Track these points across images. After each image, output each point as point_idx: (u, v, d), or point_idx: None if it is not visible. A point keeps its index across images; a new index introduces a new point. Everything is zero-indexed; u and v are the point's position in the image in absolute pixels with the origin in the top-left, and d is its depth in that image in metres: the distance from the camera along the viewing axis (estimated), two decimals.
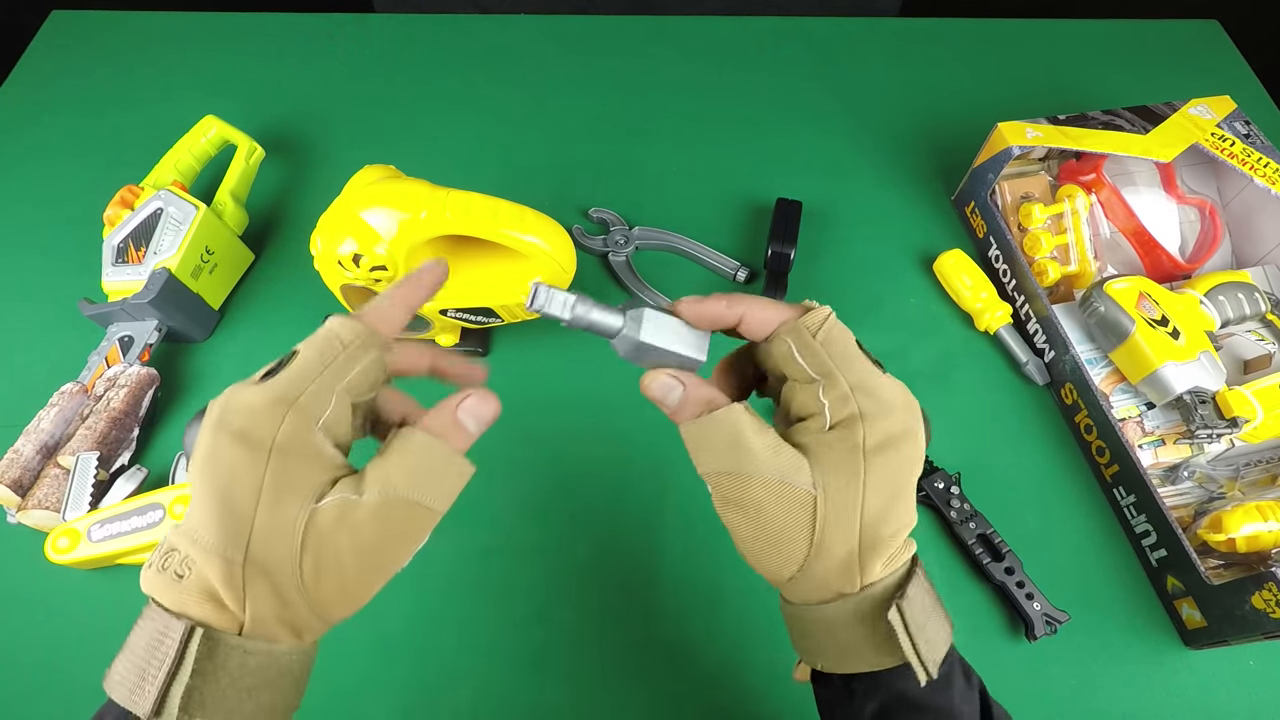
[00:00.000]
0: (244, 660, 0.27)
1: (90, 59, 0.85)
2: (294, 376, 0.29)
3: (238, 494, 0.27)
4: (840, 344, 0.31)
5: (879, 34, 0.90)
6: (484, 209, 0.55)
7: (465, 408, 0.30)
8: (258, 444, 0.27)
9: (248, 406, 0.28)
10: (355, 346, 0.30)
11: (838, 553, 0.29)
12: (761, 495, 0.29)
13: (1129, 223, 0.67)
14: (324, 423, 0.28)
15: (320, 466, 0.28)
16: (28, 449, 0.54)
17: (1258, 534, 0.51)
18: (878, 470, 0.29)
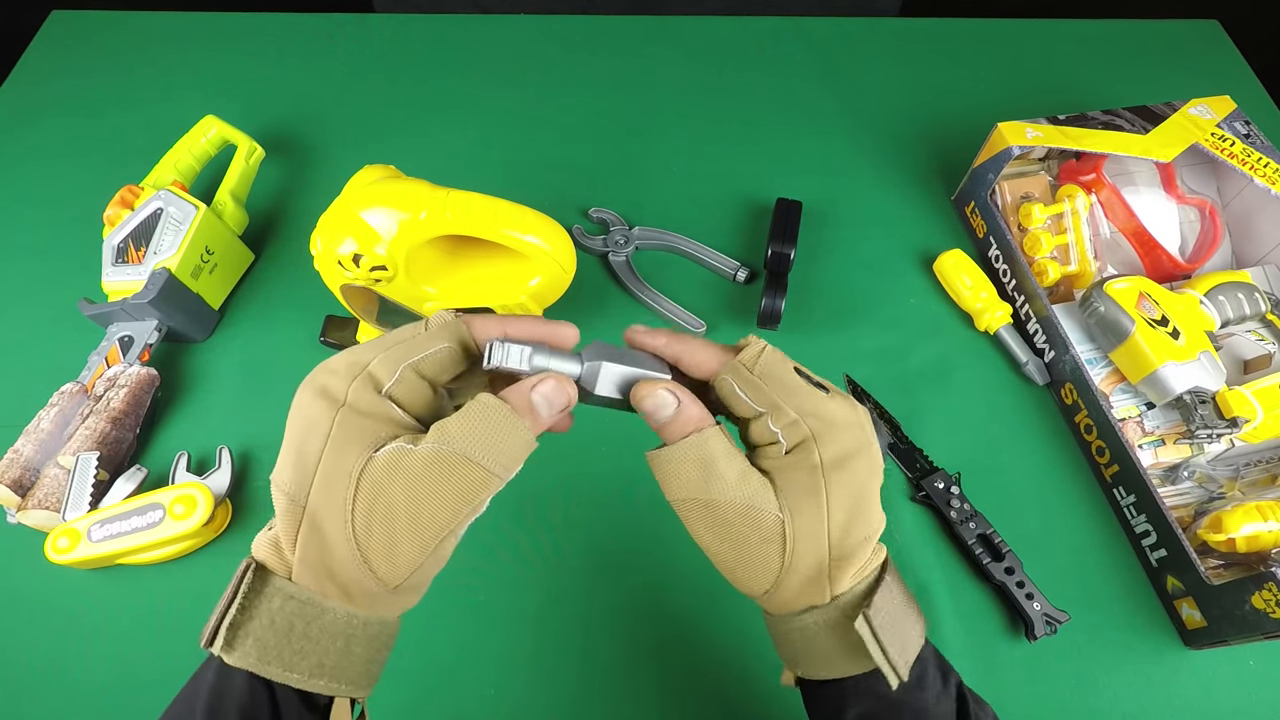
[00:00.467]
0: (286, 604, 0.28)
1: (90, 59, 0.85)
2: (372, 345, 0.31)
3: (309, 441, 0.29)
4: (777, 375, 0.32)
5: (879, 34, 0.90)
6: (484, 209, 0.55)
7: (540, 390, 0.31)
8: (332, 398, 0.29)
9: (330, 367, 0.30)
10: (435, 332, 0.31)
11: (808, 567, 0.31)
12: (731, 518, 0.31)
13: (1129, 223, 0.67)
14: (389, 391, 0.29)
15: (385, 422, 0.29)
16: (28, 449, 0.54)
17: (1258, 534, 0.51)
18: (838, 485, 0.30)
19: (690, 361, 0.33)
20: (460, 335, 0.32)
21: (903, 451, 0.60)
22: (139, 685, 0.50)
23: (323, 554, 0.28)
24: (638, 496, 0.58)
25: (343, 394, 0.29)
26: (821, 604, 0.31)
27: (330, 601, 0.29)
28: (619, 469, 0.59)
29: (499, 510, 0.57)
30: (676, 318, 0.65)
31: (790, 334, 0.65)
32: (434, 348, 0.31)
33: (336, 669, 0.29)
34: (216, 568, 0.54)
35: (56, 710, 0.50)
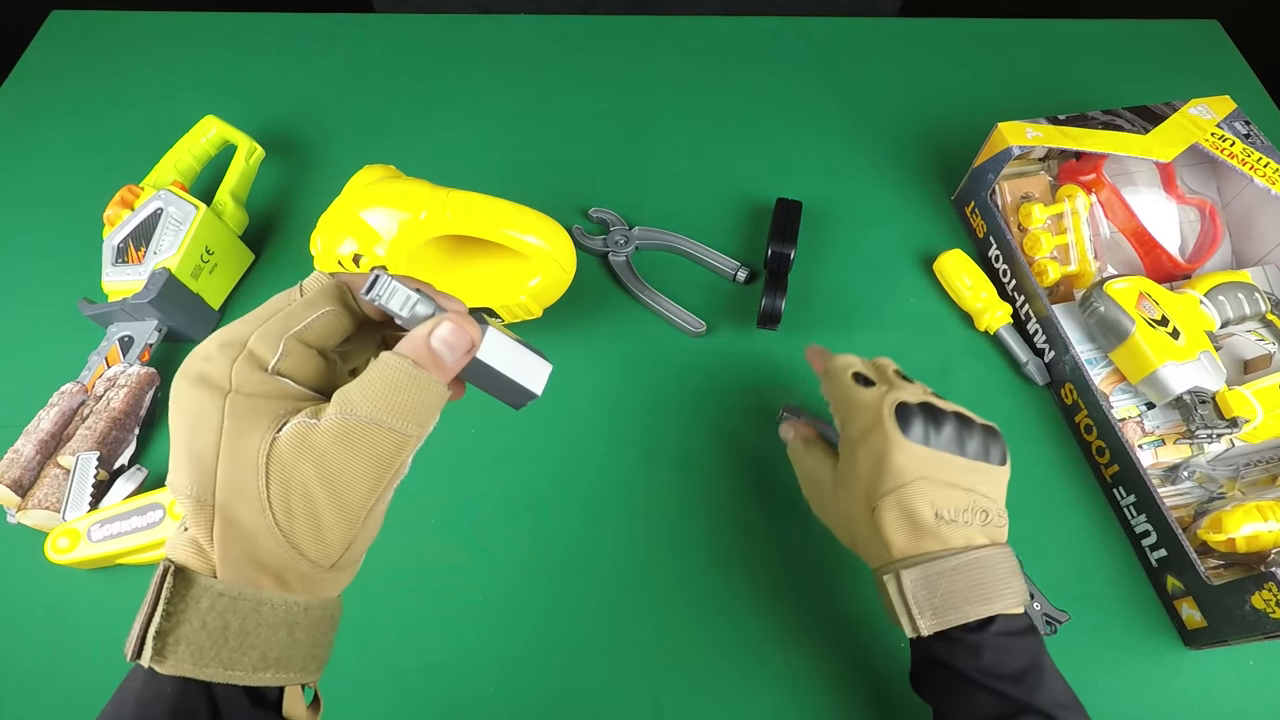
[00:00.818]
0: (215, 603, 0.27)
1: (90, 59, 0.85)
2: (245, 321, 0.29)
3: (200, 435, 0.27)
4: (835, 375, 0.48)
5: (879, 34, 0.90)
6: (484, 209, 0.55)
7: (438, 334, 0.29)
8: (214, 385, 0.27)
9: (204, 352, 0.28)
10: (312, 297, 0.30)
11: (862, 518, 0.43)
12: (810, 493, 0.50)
13: (1129, 223, 0.67)
14: (276, 366, 0.28)
15: (279, 399, 0.28)
16: (28, 449, 0.54)
17: (1258, 534, 0.51)
18: (862, 451, 0.43)
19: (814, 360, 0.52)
20: (340, 297, 0.30)
21: None
22: None
23: (246, 547, 0.27)
24: (637, 497, 0.58)
25: (225, 379, 0.27)
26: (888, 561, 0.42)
27: (265, 592, 0.28)
28: (619, 470, 0.59)
29: (499, 510, 0.57)
30: (676, 318, 0.65)
31: (790, 334, 0.65)
32: (314, 314, 0.29)
33: (282, 659, 0.28)
34: None
35: (56, 710, 0.50)
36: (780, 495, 0.57)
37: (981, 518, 0.41)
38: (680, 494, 0.58)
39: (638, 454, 0.60)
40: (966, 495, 0.41)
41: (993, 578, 0.40)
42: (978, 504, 0.41)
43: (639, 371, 0.64)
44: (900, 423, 0.42)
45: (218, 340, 0.28)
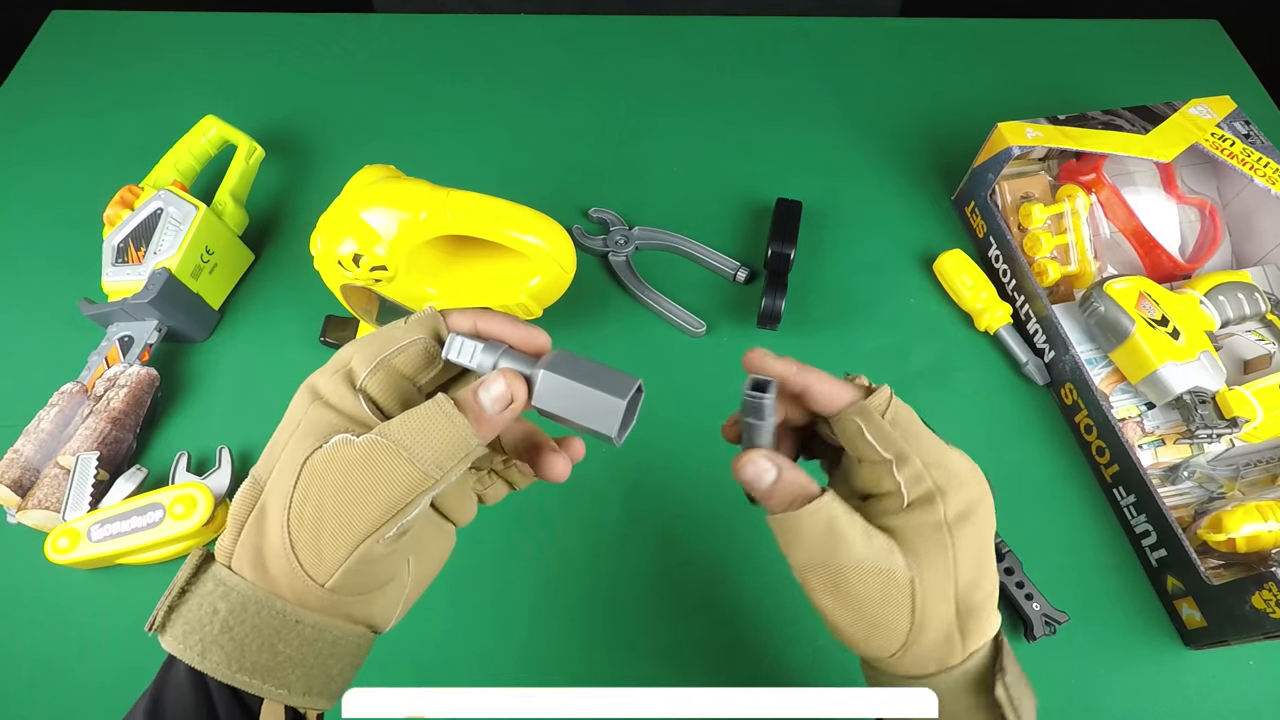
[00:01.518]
0: (215, 588, 0.28)
1: (90, 59, 0.85)
2: (358, 341, 0.32)
3: (283, 432, 0.30)
4: (906, 422, 0.31)
5: (879, 34, 0.90)
6: (484, 209, 0.55)
7: (485, 389, 0.29)
8: (311, 392, 0.30)
9: (325, 366, 0.31)
10: (411, 324, 0.32)
11: (939, 627, 0.30)
12: (859, 583, 0.30)
13: (1129, 223, 0.67)
14: (364, 384, 0.30)
15: (346, 416, 0.29)
16: (28, 449, 0.54)
17: (1258, 534, 0.51)
18: (964, 541, 0.30)
19: (820, 392, 0.32)
20: (436, 328, 0.31)
21: None
22: (139, 685, 0.50)
23: (260, 541, 0.28)
24: (637, 497, 0.58)
25: (321, 387, 0.30)
26: (954, 664, 0.31)
27: (258, 592, 0.28)
28: (619, 469, 0.59)
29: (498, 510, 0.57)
30: (676, 318, 0.65)
31: (790, 334, 0.65)
32: (407, 340, 0.31)
33: (256, 665, 0.28)
34: None
35: (56, 710, 0.50)
36: None
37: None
38: (678, 494, 0.58)
39: (636, 453, 0.59)
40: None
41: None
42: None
43: (639, 371, 0.63)
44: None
45: (338, 357, 0.31)
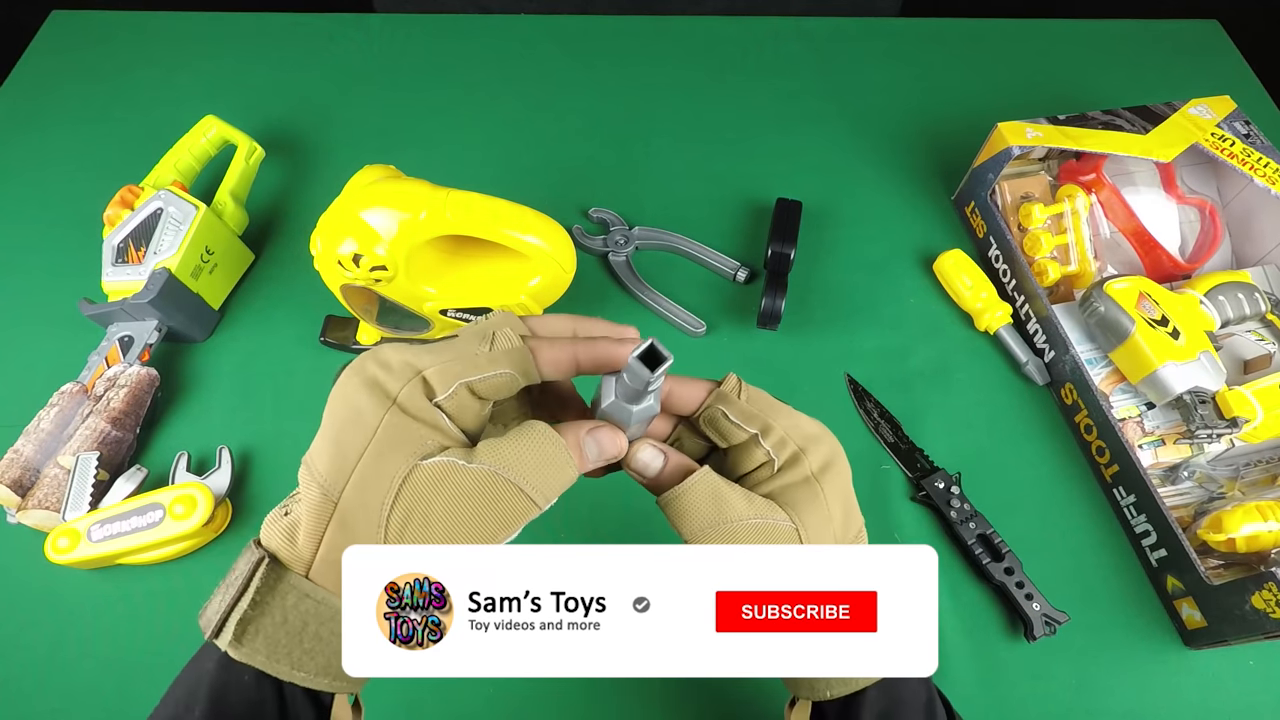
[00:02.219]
0: (300, 602, 0.28)
1: (90, 59, 0.85)
2: (432, 350, 0.30)
3: (353, 435, 0.28)
4: (759, 399, 0.34)
5: (879, 34, 0.90)
6: (484, 209, 0.55)
7: (596, 435, 0.31)
8: (383, 394, 0.28)
9: (385, 361, 0.29)
10: (498, 356, 0.30)
11: None
12: (749, 537, 0.32)
13: (1129, 223, 0.67)
14: (442, 401, 0.29)
15: (434, 432, 0.29)
16: (28, 449, 0.54)
17: (1258, 534, 0.51)
18: (830, 488, 0.33)
19: (678, 393, 0.34)
20: (524, 366, 0.31)
21: (903, 451, 0.60)
22: (139, 685, 0.50)
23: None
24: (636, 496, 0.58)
25: (395, 392, 0.28)
26: None
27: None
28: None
29: None
30: (677, 318, 0.65)
31: (790, 334, 0.65)
32: (495, 371, 0.30)
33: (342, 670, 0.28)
34: (216, 568, 0.54)
35: (56, 710, 0.50)
36: None
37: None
38: None
39: None
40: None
41: None
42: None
43: None
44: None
45: (400, 356, 0.29)
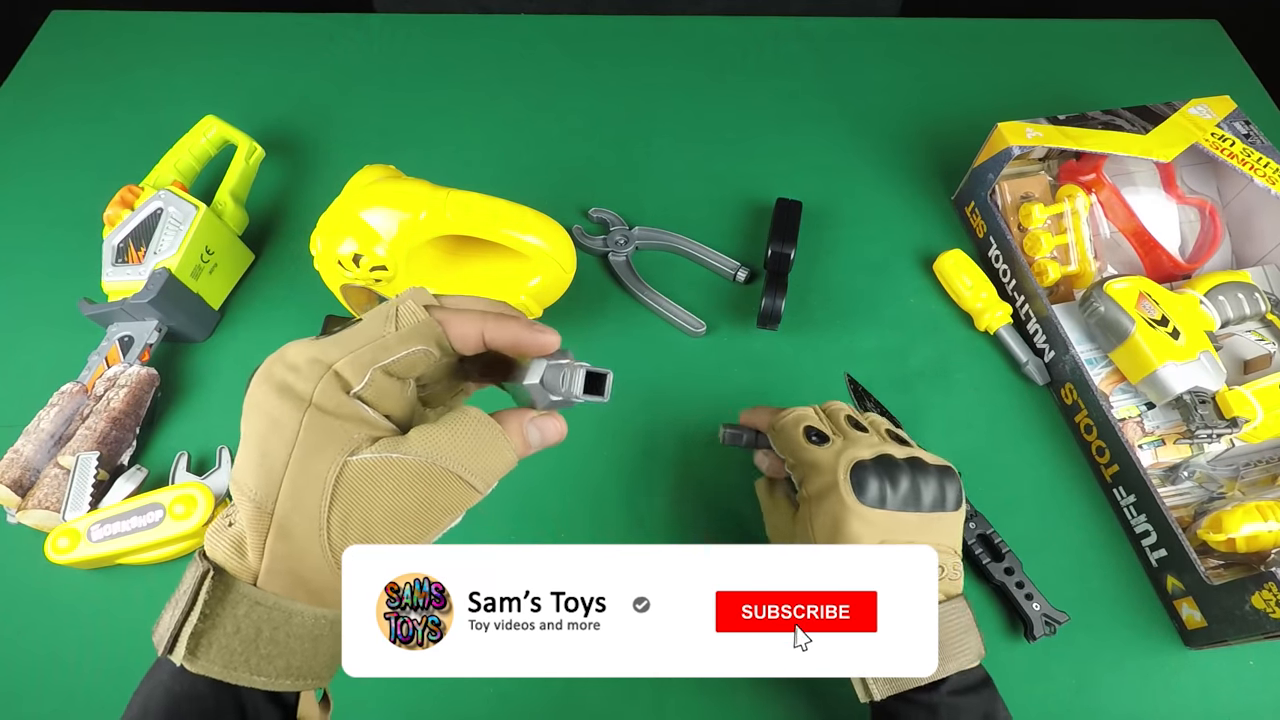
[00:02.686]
0: (251, 610, 0.27)
1: (90, 59, 0.85)
2: (339, 340, 0.29)
3: (274, 443, 0.27)
4: (786, 433, 0.45)
5: (879, 34, 0.90)
6: (484, 209, 0.55)
7: (536, 421, 0.31)
8: (296, 397, 0.28)
9: (291, 362, 0.28)
10: (407, 332, 0.30)
11: None
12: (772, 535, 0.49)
13: (1129, 223, 0.67)
14: (360, 391, 0.28)
15: (358, 425, 0.28)
16: (28, 449, 0.54)
17: (1258, 534, 0.51)
18: (819, 512, 0.41)
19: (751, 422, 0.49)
20: (436, 337, 0.30)
21: None
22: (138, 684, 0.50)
23: (293, 561, 0.28)
24: (637, 496, 0.58)
25: (308, 393, 0.27)
26: None
27: (298, 605, 0.28)
28: (619, 469, 0.59)
29: (498, 509, 0.57)
30: (677, 318, 0.65)
31: (790, 334, 0.65)
32: (406, 350, 0.29)
33: (303, 668, 0.29)
34: None
35: (56, 710, 0.50)
36: None
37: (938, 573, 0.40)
38: (680, 493, 0.58)
39: (637, 453, 0.60)
40: None
41: (944, 636, 0.39)
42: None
43: (639, 371, 0.64)
44: (855, 485, 0.40)
45: (306, 354, 0.28)
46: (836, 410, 0.46)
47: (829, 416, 0.46)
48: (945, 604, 0.40)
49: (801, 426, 0.44)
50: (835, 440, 0.43)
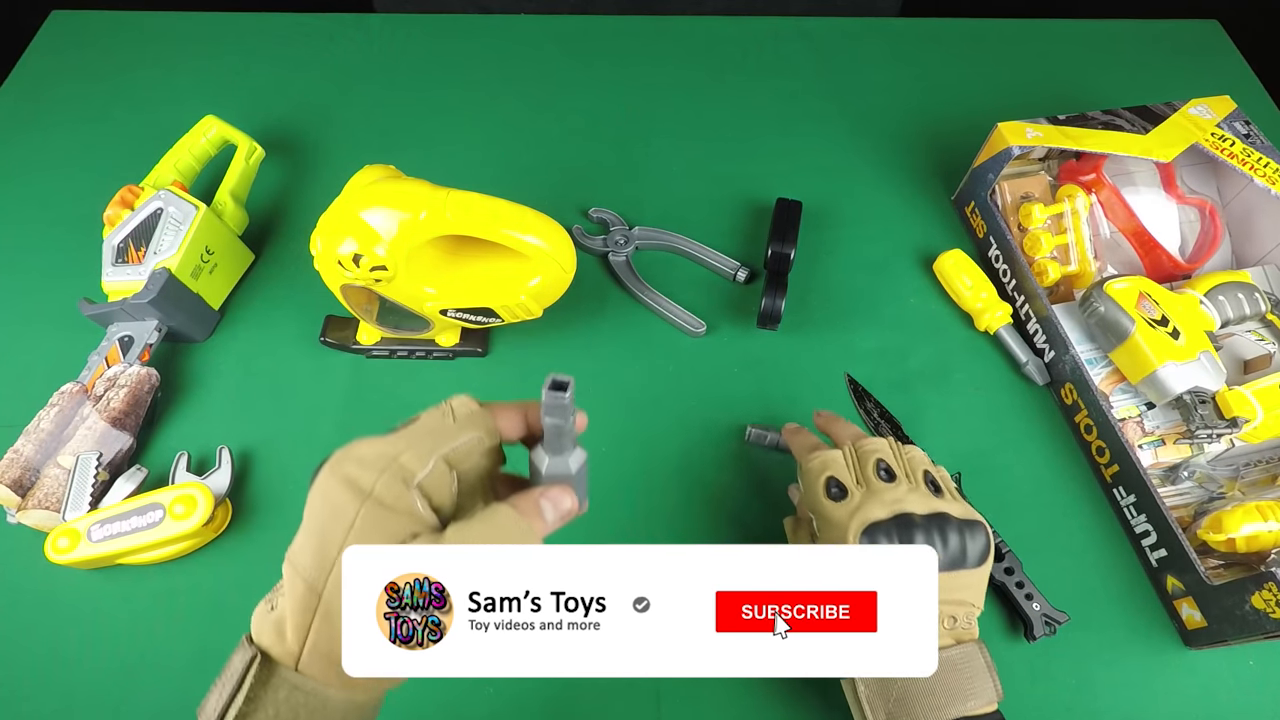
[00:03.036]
0: (291, 695, 0.29)
1: (90, 59, 0.85)
2: (404, 435, 0.32)
3: (332, 530, 0.29)
4: (808, 483, 0.45)
5: (879, 34, 0.90)
6: (484, 209, 0.55)
7: (548, 496, 0.33)
8: (359, 490, 0.29)
9: (359, 456, 0.31)
10: (463, 421, 0.33)
11: None
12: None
13: (1129, 223, 0.67)
14: (420, 482, 0.30)
15: (408, 519, 0.30)
16: (28, 449, 0.54)
17: (1258, 534, 0.51)
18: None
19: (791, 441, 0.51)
20: (488, 425, 0.33)
21: None
22: (139, 685, 0.50)
23: (334, 645, 0.28)
24: (637, 496, 0.58)
25: (369, 486, 0.29)
26: None
27: (332, 691, 0.29)
28: (619, 469, 0.59)
29: None
30: (676, 318, 0.65)
31: (790, 334, 0.65)
32: (464, 438, 0.32)
33: None
34: (216, 568, 0.54)
35: (56, 710, 0.50)
36: (779, 495, 0.57)
37: (949, 623, 0.41)
38: (680, 493, 0.58)
39: (638, 453, 0.60)
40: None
41: (955, 679, 0.39)
42: (944, 612, 0.41)
43: (639, 371, 0.64)
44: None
45: (374, 449, 0.31)
46: (869, 453, 0.45)
47: (860, 459, 0.45)
48: (953, 649, 0.40)
49: (824, 478, 0.44)
50: (854, 495, 0.42)
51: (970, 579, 0.42)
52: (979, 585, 0.43)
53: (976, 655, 0.41)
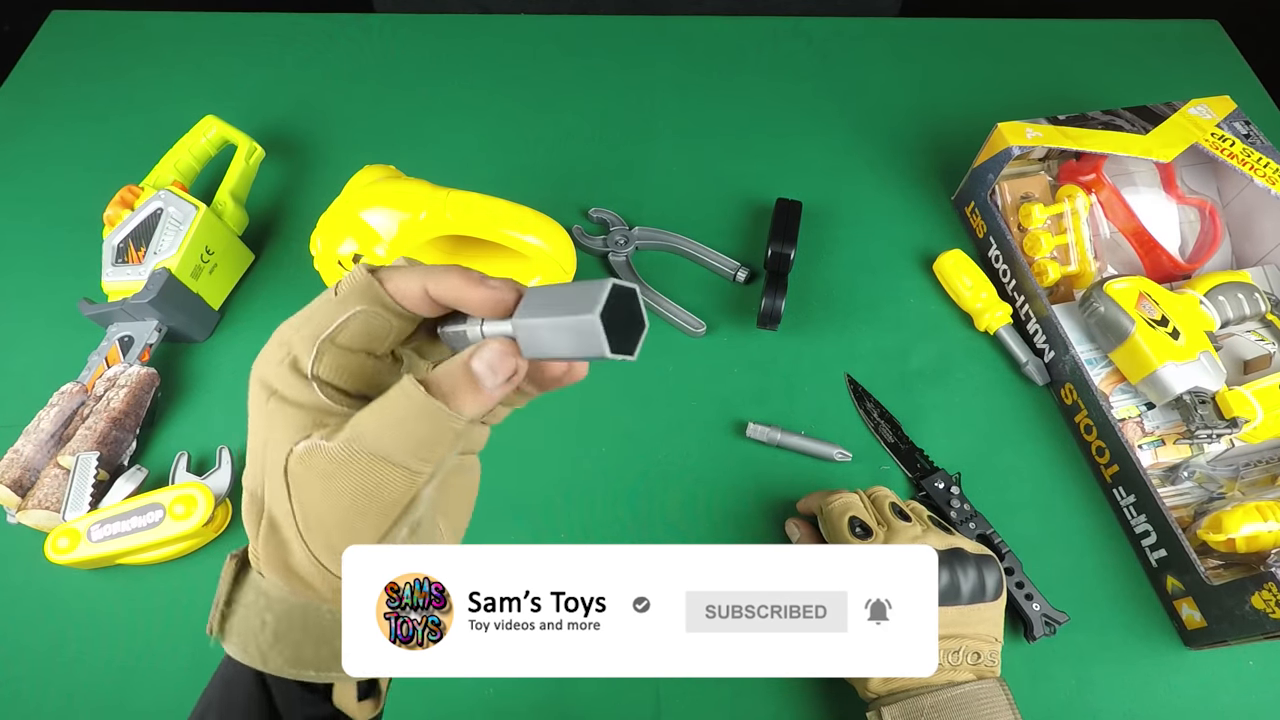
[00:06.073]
0: (257, 598, 0.28)
1: (90, 59, 0.85)
2: (294, 320, 0.27)
3: (256, 433, 0.27)
4: (831, 524, 0.48)
5: (879, 34, 0.90)
6: (484, 209, 0.55)
7: (480, 356, 0.25)
8: (265, 385, 0.27)
9: (264, 351, 0.27)
10: (345, 297, 0.27)
11: None
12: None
13: (1129, 223, 0.67)
14: (314, 369, 0.26)
15: (309, 409, 0.26)
16: (28, 449, 0.54)
17: (1258, 534, 0.51)
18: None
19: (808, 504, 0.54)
20: (375, 296, 0.27)
21: (903, 452, 0.60)
22: (139, 685, 0.50)
23: (282, 552, 0.27)
24: (637, 496, 0.58)
25: (271, 380, 0.26)
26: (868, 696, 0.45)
27: (295, 598, 0.28)
28: (619, 469, 0.59)
29: (498, 509, 0.57)
30: (677, 318, 0.65)
31: (790, 334, 0.65)
32: (344, 314, 0.26)
33: (318, 660, 0.28)
34: (216, 568, 0.54)
35: (56, 710, 0.50)
36: (779, 495, 0.57)
37: (972, 659, 0.42)
38: (680, 493, 0.58)
39: (638, 453, 0.60)
40: (957, 641, 0.43)
41: (977, 714, 0.40)
42: (969, 647, 0.42)
43: (639, 371, 0.64)
44: None
45: (275, 339, 0.27)
46: (882, 498, 0.49)
47: (874, 503, 0.48)
48: (975, 685, 0.41)
49: (846, 517, 0.47)
50: (878, 533, 0.46)
51: (990, 612, 0.43)
52: (998, 618, 0.44)
53: (999, 692, 0.41)
